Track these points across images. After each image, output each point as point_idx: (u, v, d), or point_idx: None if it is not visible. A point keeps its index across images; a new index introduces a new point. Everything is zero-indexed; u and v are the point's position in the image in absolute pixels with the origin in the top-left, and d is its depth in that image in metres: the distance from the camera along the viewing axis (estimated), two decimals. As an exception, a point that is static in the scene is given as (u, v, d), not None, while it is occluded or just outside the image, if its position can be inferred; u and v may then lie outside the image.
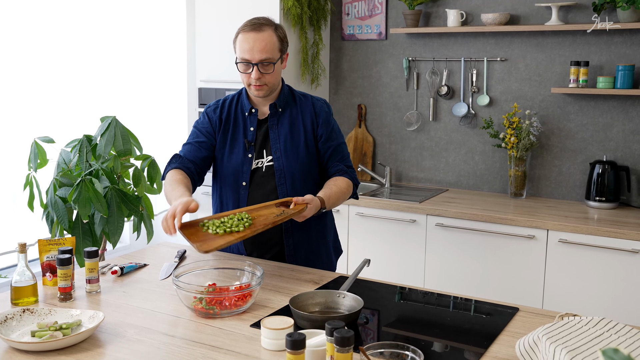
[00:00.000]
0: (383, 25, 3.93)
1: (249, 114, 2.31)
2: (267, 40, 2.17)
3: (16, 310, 1.70)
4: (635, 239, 2.88)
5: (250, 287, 1.80)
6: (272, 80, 2.23)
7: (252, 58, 2.17)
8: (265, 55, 2.17)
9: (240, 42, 2.20)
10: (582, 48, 3.42)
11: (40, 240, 2.03)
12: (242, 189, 2.29)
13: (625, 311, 2.92)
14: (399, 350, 1.42)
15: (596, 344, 1.37)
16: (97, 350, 1.57)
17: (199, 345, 1.61)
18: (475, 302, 1.97)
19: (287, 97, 2.33)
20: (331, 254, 2.45)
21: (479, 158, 3.77)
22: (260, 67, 2.18)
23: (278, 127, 2.30)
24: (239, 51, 2.21)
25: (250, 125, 2.31)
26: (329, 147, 2.33)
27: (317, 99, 2.38)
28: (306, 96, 2.37)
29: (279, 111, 2.31)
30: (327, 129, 2.32)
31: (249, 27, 2.20)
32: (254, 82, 2.21)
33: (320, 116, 2.32)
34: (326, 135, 2.32)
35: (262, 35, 2.18)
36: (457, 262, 3.31)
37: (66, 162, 3.06)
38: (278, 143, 2.28)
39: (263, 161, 2.29)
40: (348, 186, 2.31)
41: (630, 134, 3.37)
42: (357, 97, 4.10)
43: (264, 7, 3.67)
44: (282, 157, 2.27)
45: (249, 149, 2.29)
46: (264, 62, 2.18)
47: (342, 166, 2.34)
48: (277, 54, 2.21)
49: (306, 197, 2.11)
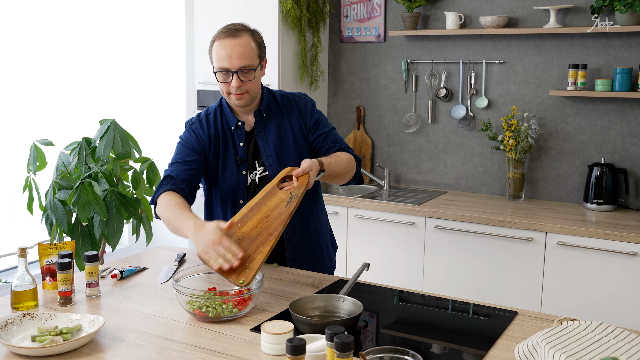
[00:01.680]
0: (382, 28, 3.94)
1: (236, 127, 2.21)
2: (245, 46, 2.07)
3: (16, 315, 1.70)
4: (634, 242, 2.89)
5: (250, 292, 1.80)
6: (253, 88, 2.13)
7: (230, 66, 2.06)
8: (245, 62, 2.06)
9: (216, 49, 2.08)
10: (580, 51, 3.43)
11: (40, 244, 2.03)
12: (239, 207, 2.20)
13: (624, 314, 2.93)
14: (398, 355, 1.43)
15: (595, 349, 1.38)
16: (98, 355, 1.58)
17: (199, 349, 1.61)
18: (474, 305, 1.97)
19: (269, 101, 2.24)
20: (330, 252, 2.44)
21: (477, 160, 3.78)
22: (240, 75, 2.07)
23: (266, 134, 2.21)
24: (216, 60, 2.09)
25: (239, 141, 2.21)
26: (319, 135, 2.26)
27: (297, 95, 2.30)
28: (285, 95, 2.29)
29: (264, 117, 2.22)
30: (315, 119, 2.26)
31: (225, 33, 2.08)
32: (234, 91, 2.10)
33: (304, 112, 2.26)
34: (315, 125, 2.26)
35: (240, 40, 2.07)
36: (455, 264, 3.31)
37: (65, 164, 3.06)
38: (268, 150, 2.21)
39: (256, 173, 2.22)
40: (348, 158, 2.22)
41: (628, 136, 3.38)
42: (356, 99, 4.11)
43: (263, 10, 3.68)
44: (275, 164, 2.20)
45: (241, 166, 2.21)
46: (244, 69, 2.07)
47: (341, 146, 2.27)
48: (256, 60, 2.10)
49: (303, 164, 1.99)
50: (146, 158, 3.18)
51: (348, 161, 2.21)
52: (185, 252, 2.42)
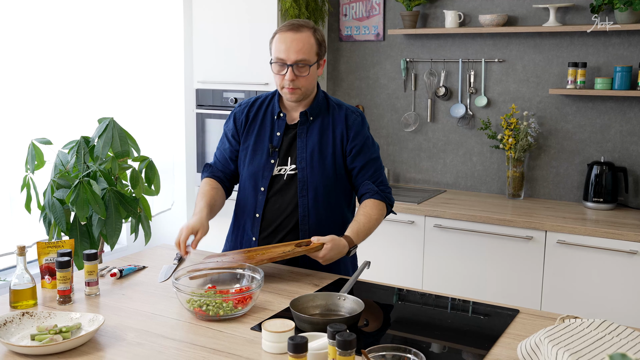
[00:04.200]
0: (381, 27, 3.93)
1: (278, 117, 2.22)
2: (304, 42, 2.08)
3: (15, 314, 1.69)
4: (633, 240, 2.89)
5: (251, 290, 1.80)
6: (307, 85, 2.13)
7: (287, 58, 2.08)
8: (302, 56, 2.07)
9: (276, 42, 2.11)
10: (580, 49, 3.43)
11: (39, 242, 2.02)
12: (260, 195, 2.21)
13: (624, 312, 2.93)
14: (400, 353, 1.42)
15: (598, 346, 1.37)
16: (97, 354, 1.57)
17: (200, 348, 1.60)
18: (475, 304, 1.97)
19: (320, 105, 2.21)
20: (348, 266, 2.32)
21: (476, 159, 3.77)
22: (295, 69, 2.08)
23: (307, 136, 2.19)
24: (275, 51, 2.11)
25: (277, 130, 2.21)
26: (358, 163, 2.20)
27: (352, 110, 2.24)
28: (341, 106, 2.24)
29: (310, 119, 2.20)
30: (358, 143, 2.19)
31: (287, 27, 2.11)
32: (287, 85, 2.10)
33: (352, 129, 2.19)
34: (356, 150, 2.19)
35: (300, 35, 2.09)
36: (455, 263, 3.31)
37: (63, 163, 3.05)
38: (305, 153, 2.18)
39: (286, 169, 2.20)
40: (379, 211, 2.18)
41: (627, 135, 3.38)
42: (355, 98, 4.10)
43: (261, 8, 3.67)
44: (307, 167, 2.17)
45: (272, 155, 2.20)
46: (300, 63, 2.08)
47: (372, 185, 2.20)
48: (313, 57, 2.11)
49: (326, 237, 2.02)
50: (145, 157, 3.17)
51: (379, 214, 2.19)
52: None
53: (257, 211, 2.23)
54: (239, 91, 3.82)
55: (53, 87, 3.66)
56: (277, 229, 2.22)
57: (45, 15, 3.58)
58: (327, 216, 2.22)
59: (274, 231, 2.23)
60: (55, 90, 3.67)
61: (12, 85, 3.45)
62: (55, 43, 3.65)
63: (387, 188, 2.25)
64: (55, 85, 3.66)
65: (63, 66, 3.70)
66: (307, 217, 2.20)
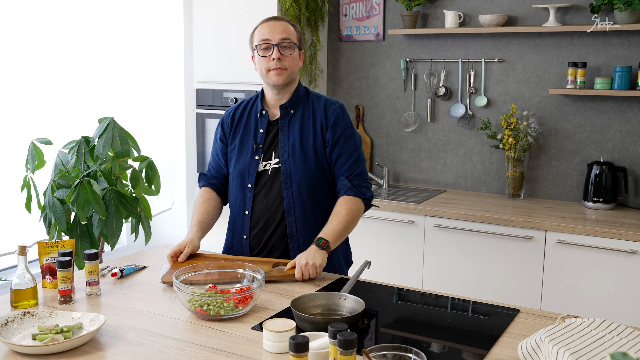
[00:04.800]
0: (381, 27, 3.94)
1: (260, 115, 2.29)
2: (285, 26, 2.21)
3: (16, 313, 1.69)
4: (633, 240, 2.89)
5: (252, 290, 1.80)
6: (292, 66, 2.21)
7: (272, 38, 2.18)
8: (286, 35, 2.19)
9: (259, 30, 2.23)
10: (580, 49, 3.43)
11: (40, 242, 2.02)
12: (247, 191, 2.28)
13: (623, 312, 2.93)
14: (401, 352, 1.42)
15: (599, 345, 1.37)
16: (99, 354, 1.57)
17: (201, 347, 1.61)
18: (475, 303, 1.97)
19: (300, 98, 2.28)
20: (342, 263, 2.38)
21: (476, 159, 3.78)
22: (281, 48, 2.18)
23: (288, 129, 2.25)
24: (258, 36, 2.21)
25: (260, 127, 2.28)
26: (336, 153, 2.23)
27: (332, 102, 2.29)
28: (320, 97, 2.30)
29: (290, 113, 2.26)
30: (335, 133, 2.22)
31: (267, 19, 2.25)
32: (274, 65, 2.17)
33: (330, 119, 2.23)
34: (334, 140, 2.23)
35: (281, 22, 2.22)
36: (455, 263, 3.31)
37: (64, 163, 3.05)
38: (286, 145, 2.24)
39: (270, 163, 2.25)
40: (353, 210, 2.19)
41: (627, 135, 3.38)
42: (355, 98, 4.10)
43: (261, 8, 3.67)
44: (290, 160, 2.22)
45: (256, 151, 2.27)
46: (285, 42, 2.18)
47: (346, 181, 2.22)
48: (296, 39, 2.23)
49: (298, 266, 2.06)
50: (145, 157, 3.17)
51: (353, 213, 2.20)
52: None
53: (246, 208, 2.28)
54: (239, 91, 3.82)
55: (53, 87, 3.66)
56: (265, 224, 2.27)
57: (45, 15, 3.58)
58: (312, 207, 2.25)
59: (263, 227, 2.27)
60: (56, 90, 3.67)
61: (12, 85, 3.45)
62: (56, 43, 3.65)
63: (363, 182, 2.25)
64: (55, 85, 3.66)
65: (63, 66, 3.70)
66: (292, 209, 2.24)
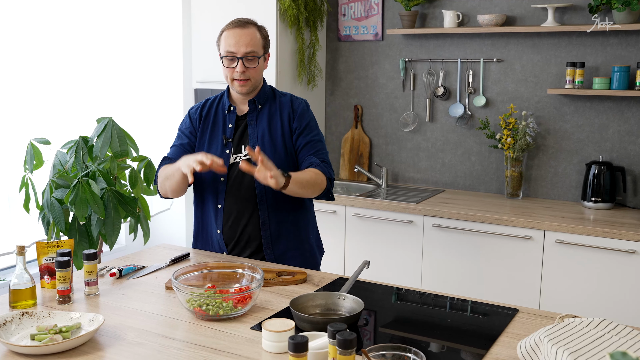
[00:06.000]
0: (379, 26, 3.94)
1: (228, 111, 2.36)
2: (251, 36, 2.24)
3: (15, 314, 1.69)
4: (631, 240, 2.89)
5: (250, 290, 1.80)
6: (256, 76, 2.28)
7: (237, 51, 2.23)
8: (251, 49, 2.23)
9: (225, 38, 2.26)
10: (578, 49, 3.43)
11: (39, 242, 2.02)
12: (220, 185, 2.31)
13: (622, 311, 2.93)
14: (400, 352, 1.42)
15: (598, 345, 1.37)
16: (98, 354, 1.57)
17: (200, 347, 1.61)
18: (474, 303, 1.97)
19: (267, 95, 2.37)
20: (315, 252, 2.45)
21: (475, 159, 3.78)
22: (245, 61, 2.24)
23: (257, 122, 2.33)
24: (224, 46, 2.26)
25: (228, 122, 2.35)
26: (302, 141, 2.31)
27: (297, 97, 2.40)
28: (286, 94, 2.40)
29: (258, 107, 2.34)
30: (302, 123, 2.32)
31: (234, 24, 2.27)
32: (238, 77, 2.25)
33: (297, 111, 2.33)
34: (300, 129, 2.32)
35: (247, 31, 2.25)
36: (454, 263, 3.31)
37: (62, 163, 3.04)
38: (256, 137, 2.31)
39: (240, 156, 2.30)
40: (317, 174, 2.21)
41: (625, 134, 3.39)
42: (354, 98, 4.10)
43: (260, 8, 3.67)
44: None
45: (226, 145, 2.32)
46: (249, 55, 2.23)
47: (315, 159, 2.27)
48: (261, 50, 2.27)
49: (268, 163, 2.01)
50: (143, 157, 3.16)
51: (316, 179, 2.20)
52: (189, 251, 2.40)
53: (219, 202, 2.32)
54: (237, 91, 3.82)
55: (52, 87, 3.65)
56: (238, 215, 2.30)
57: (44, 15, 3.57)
58: (283, 195, 2.23)
59: (237, 218, 2.30)
60: (54, 90, 3.67)
61: (10, 85, 3.44)
62: (54, 43, 3.64)
63: (328, 165, 2.31)
64: (54, 85, 3.66)
65: (62, 66, 3.69)
66: (264, 197, 2.28)
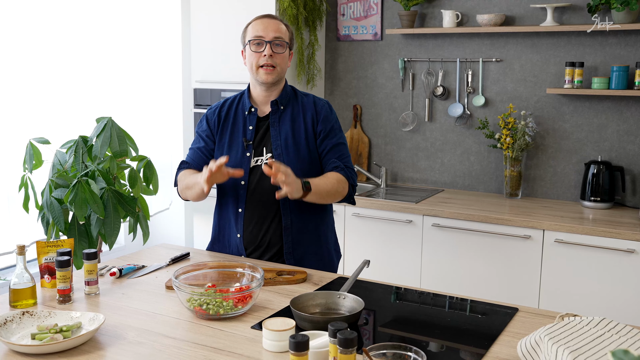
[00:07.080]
0: (378, 26, 3.94)
1: (249, 112, 2.31)
2: (279, 25, 2.26)
3: (16, 313, 1.69)
4: (631, 239, 2.90)
5: (251, 289, 1.80)
6: (282, 65, 2.25)
7: (265, 35, 2.22)
8: (279, 34, 2.23)
9: (252, 26, 2.26)
10: (577, 49, 3.44)
11: (39, 242, 2.02)
12: (240, 189, 2.28)
13: (621, 311, 2.94)
14: (401, 351, 1.42)
15: (598, 344, 1.38)
16: (98, 353, 1.57)
17: (200, 347, 1.61)
18: (474, 302, 1.97)
19: (289, 95, 2.33)
20: (332, 256, 2.42)
21: (474, 158, 3.78)
22: (273, 46, 2.22)
23: (279, 124, 2.28)
24: (252, 32, 2.25)
25: (249, 124, 2.30)
26: (327, 145, 2.29)
27: (319, 99, 2.37)
28: (308, 95, 2.37)
29: (281, 109, 2.30)
30: (327, 126, 2.29)
31: (262, 15, 2.29)
32: (265, 61, 2.21)
33: (320, 114, 2.30)
34: (325, 133, 2.29)
35: (275, 21, 2.27)
36: (453, 262, 3.31)
37: (62, 163, 3.04)
38: (279, 140, 2.26)
39: (262, 159, 2.26)
40: (339, 181, 2.21)
41: (624, 134, 3.39)
42: (353, 97, 4.11)
43: (259, 8, 3.66)
44: (283, 154, 2.25)
45: (247, 148, 2.28)
46: (277, 40, 2.22)
47: (340, 163, 2.26)
48: (288, 39, 2.27)
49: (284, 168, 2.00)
50: (143, 156, 3.16)
51: (338, 184, 2.22)
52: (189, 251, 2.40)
53: (240, 206, 2.29)
54: (236, 90, 3.81)
55: (51, 87, 3.65)
56: (260, 220, 2.27)
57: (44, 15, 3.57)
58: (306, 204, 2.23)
59: (258, 223, 2.28)
60: (54, 90, 3.66)
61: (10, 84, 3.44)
62: (53, 42, 3.64)
63: (352, 171, 2.30)
64: (53, 84, 3.66)
65: (61, 65, 3.69)
66: (287, 202, 2.24)
